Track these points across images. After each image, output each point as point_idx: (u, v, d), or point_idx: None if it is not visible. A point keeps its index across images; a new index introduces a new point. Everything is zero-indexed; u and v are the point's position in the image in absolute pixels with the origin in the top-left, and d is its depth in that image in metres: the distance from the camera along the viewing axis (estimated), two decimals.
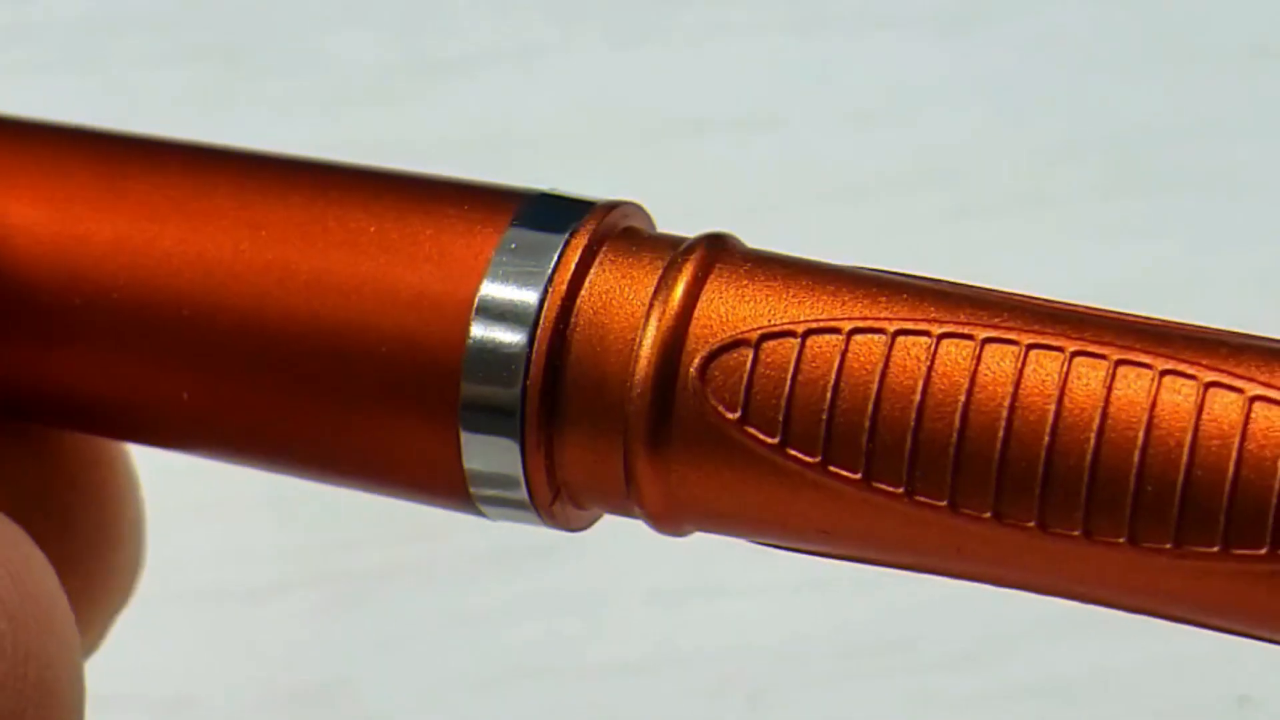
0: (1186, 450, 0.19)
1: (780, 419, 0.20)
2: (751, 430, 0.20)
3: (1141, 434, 0.19)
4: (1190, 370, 0.20)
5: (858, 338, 0.20)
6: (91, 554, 0.24)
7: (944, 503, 0.20)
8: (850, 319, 0.21)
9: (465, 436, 0.21)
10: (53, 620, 0.21)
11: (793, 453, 0.20)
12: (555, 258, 0.21)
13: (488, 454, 0.21)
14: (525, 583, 0.37)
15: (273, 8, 0.49)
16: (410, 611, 0.36)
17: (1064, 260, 0.40)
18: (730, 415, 0.20)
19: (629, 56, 0.47)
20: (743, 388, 0.20)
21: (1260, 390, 0.19)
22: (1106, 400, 0.20)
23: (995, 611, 0.36)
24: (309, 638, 0.36)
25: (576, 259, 0.21)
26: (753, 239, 0.22)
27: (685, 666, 0.35)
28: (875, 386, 0.20)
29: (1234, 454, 0.19)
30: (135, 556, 0.25)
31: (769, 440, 0.20)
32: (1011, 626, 0.35)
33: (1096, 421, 0.20)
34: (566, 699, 0.35)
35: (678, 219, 0.22)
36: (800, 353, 0.20)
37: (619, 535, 0.34)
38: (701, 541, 0.22)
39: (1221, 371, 0.20)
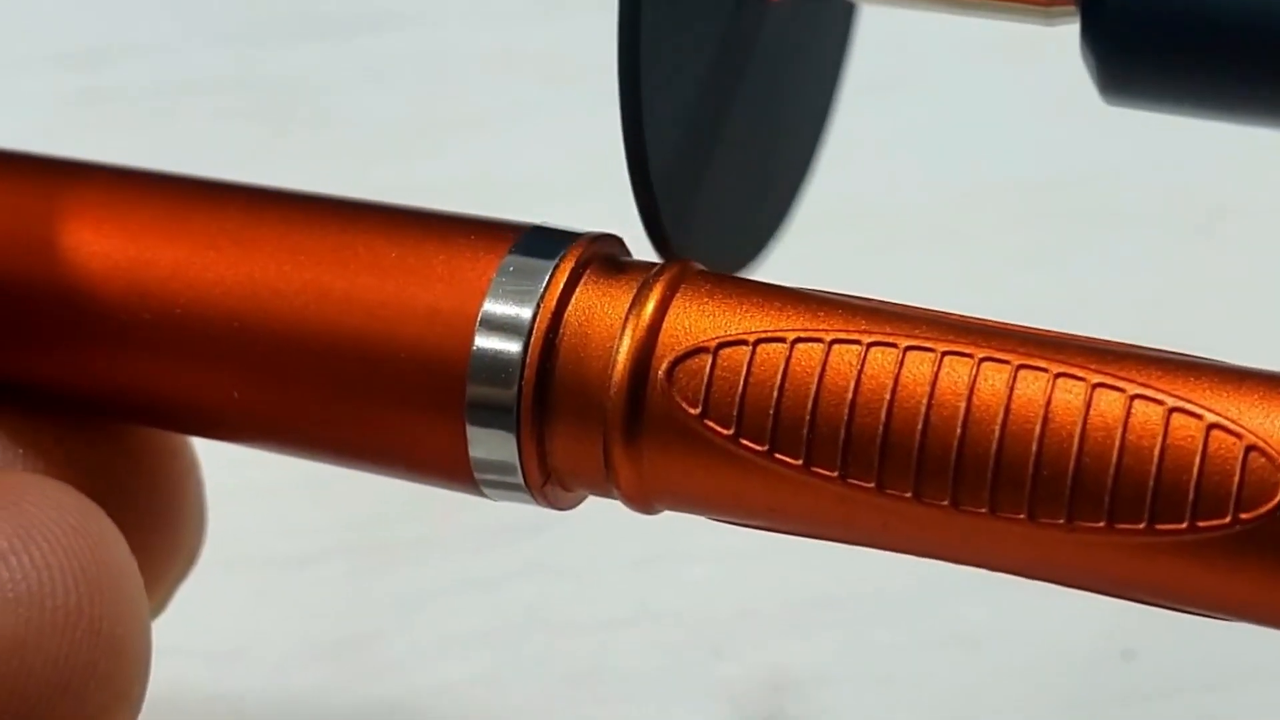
0: (1076, 440, 0.20)
1: (734, 414, 0.21)
2: (710, 424, 0.21)
3: (1038, 427, 0.20)
4: (1080, 373, 0.20)
5: (800, 346, 0.21)
6: (159, 530, 0.24)
7: (872, 484, 0.20)
8: (794, 330, 0.21)
9: (470, 430, 0.21)
10: (124, 585, 0.21)
11: (745, 443, 0.21)
12: (546, 279, 0.21)
13: (489, 444, 0.21)
14: (522, 552, 0.37)
15: (308, 74, 0.49)
16: (426, 576, 0.36)
17: (973, 285, 0.40)
18: (692, 411, 0.21)
19: (605, 116, 0.47)
20: (703, 388, 0.21)
21: (1139, 390, 0.20)
22: (1009, 398, 0.20)
23: (914, 574, 0.36)
24: (341, 598, 0.36)
25: (564, 281, 0.21)
26: None
27: (656, 622, 0.36)
28: (814, 387, 0.20)
29: (1116, 443, 0.19)
30: (197, 533, 0.25)
31: (725, 432, 0.21)
32: (927, 587, 0.35)
33: (1000, 416, 0.20)
34: (557, 649, 0.35)
35: (648, 248, 0.23)
36: (751, 359, 0.21)
37: (600, 515, 0.34)
38: (669, 518, 0.23)
39: (1107, 374, 0.20)
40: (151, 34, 0.50)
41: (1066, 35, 0.22)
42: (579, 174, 0.44)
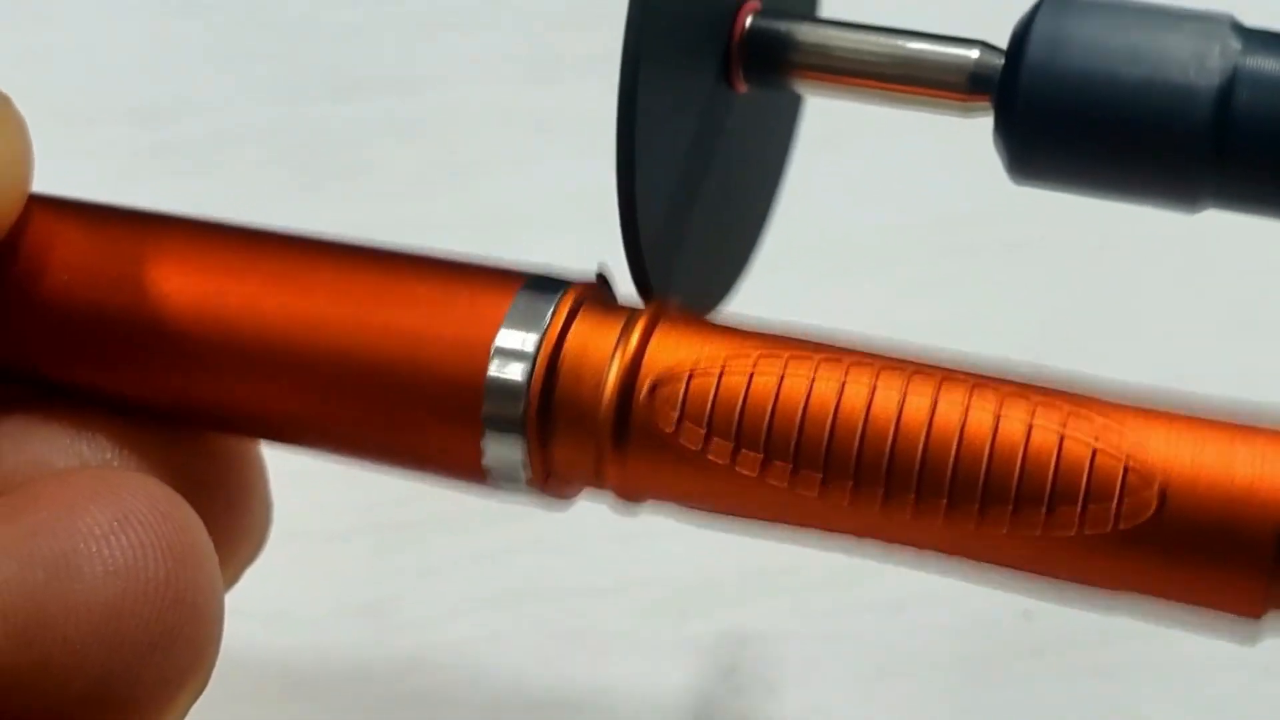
0: (986, 451, 0.20)
1: (703, 429, 0.21)
2: (682, 436, 0.21)
3: (955, 438, 0.20)
4: (991, 395, 0.20)
5: (757, 375, 0.21)
6: (232, 519, 0.24)
7: (816, 489, 0.20)
8: (752, 360, 0.21)
9: (485, 440, 0.22)
10: (203, 563, 0.21)
11: (710, 453, 0.21)
12: (548, 316, 0.22)
13: (500, 451, 0.22)
14: (521, 530, 0.36)
15: (341, 128, 0.48)
16: (440, 549, 0.36)
17: (900, 306, 0.41)
18: (668, 427, 0.21)
19: (589, 163, 0.47)
20: (678, 406, 0.21)
21: (1038, 408, 0.20)
22: (931, 414, 0.20)
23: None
24: (367, 567, 0.36)
25: (563, 318, 0.22)
26: None
27: (634, 589, 0.36)
28: (770, 406, 0.21)
29: (1019, 455, 0.20)
30: (264, 522, 0.25)
31: (695, 444, 0.21)
32: (860, 561, 0.35)
33: (924, 429, 0.20)
34: (550, 611, 0.35)
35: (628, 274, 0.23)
36: (718, 383, 0.21)
37: (587, 500, 0.34)
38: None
39: (1017, 397, 0.20)
40: (209, 94, 0.50)
41: (982, 124, 0.23)
42: (568, 211, 0.44)
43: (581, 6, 0.53)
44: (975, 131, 0.23)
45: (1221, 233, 0.25)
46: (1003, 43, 0.22)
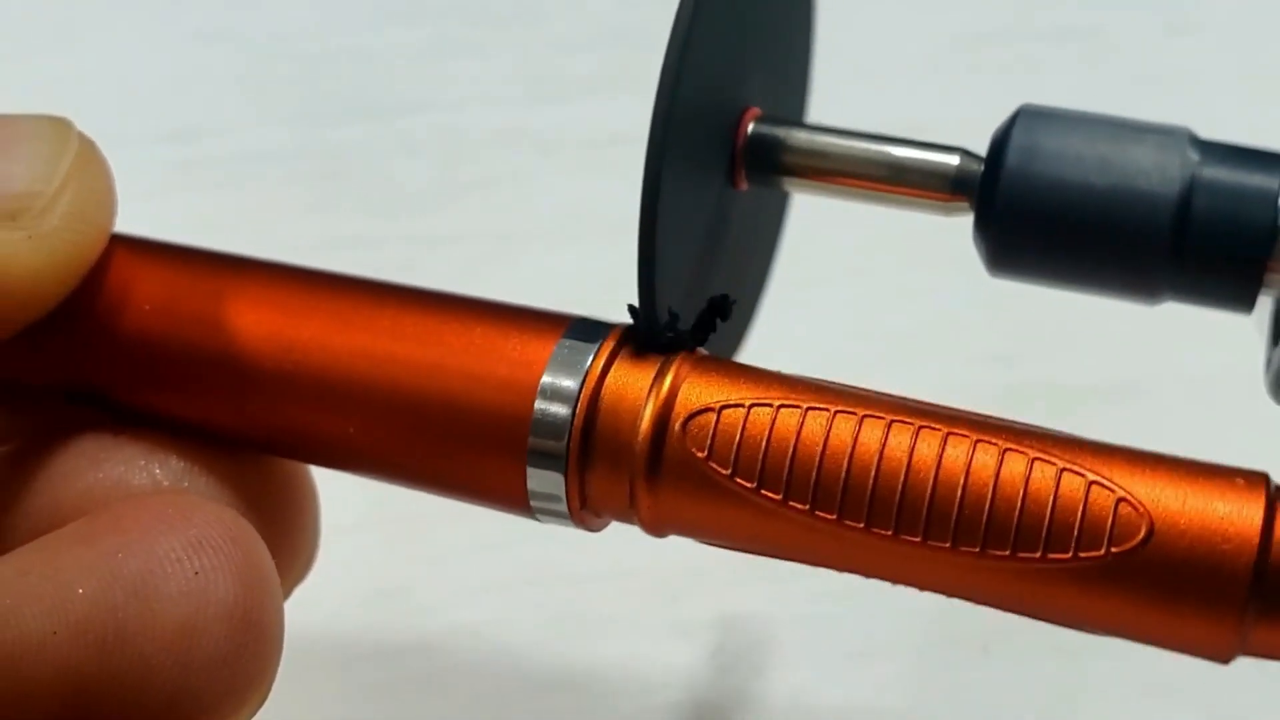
0: (990, 491, 0.20)
1: (731, 458, 0.21)
2: (713, 465, 0.21)
3: (961, 480, 0.20)
4: (994, 441, 0.20)
5: (783, 411, 0.21)
6: (288, 540, 0.24)
7: (833, 517, 0.21)
8: (778, 399, 0.21)
9: (530, 471, 0.22)
10: (268, 585, 0.21)
11: (739, 480, 0.21)
12: (589, 359, 0.22)
13: (543, 482, 0.22)
14: (522, 522, 0.36)
15: (355, 147, 0.49)
16: (449, 540, 0.36)
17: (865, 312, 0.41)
18: (700, 455, 0.21)
19: (584, 181, 0.47)
20: (709, 438, 0.21)
21: (1037, 455, 0.20)
22: (940, 458, 0.20)
23: None
24: (383, 557, 0.36)
25: (604, 360, 0.22)
26: None
27: (627, 577, 0.36)
28: (793, 441, 0.21)
29: (1019, 497, 0.20)
30: (314, 543, 0.25)
31: (724, 471, 0.21)
32: None
33: (933, 472, 0.20)
34: (549, 597, 0.35)
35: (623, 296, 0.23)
36: (746, 418, 0.21)
37: None
38: None
39: (1013, 443, 0.20)
40: (233, 117, 0.50)
41: (963, 224, 0.23)
42: (567, 226, 0.45)
43: (577, 37, 0.53)
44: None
45: None
46: (979, 148, 0.23)
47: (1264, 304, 0.22)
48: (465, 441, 0.22)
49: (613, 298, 0.23)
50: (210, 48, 0.53)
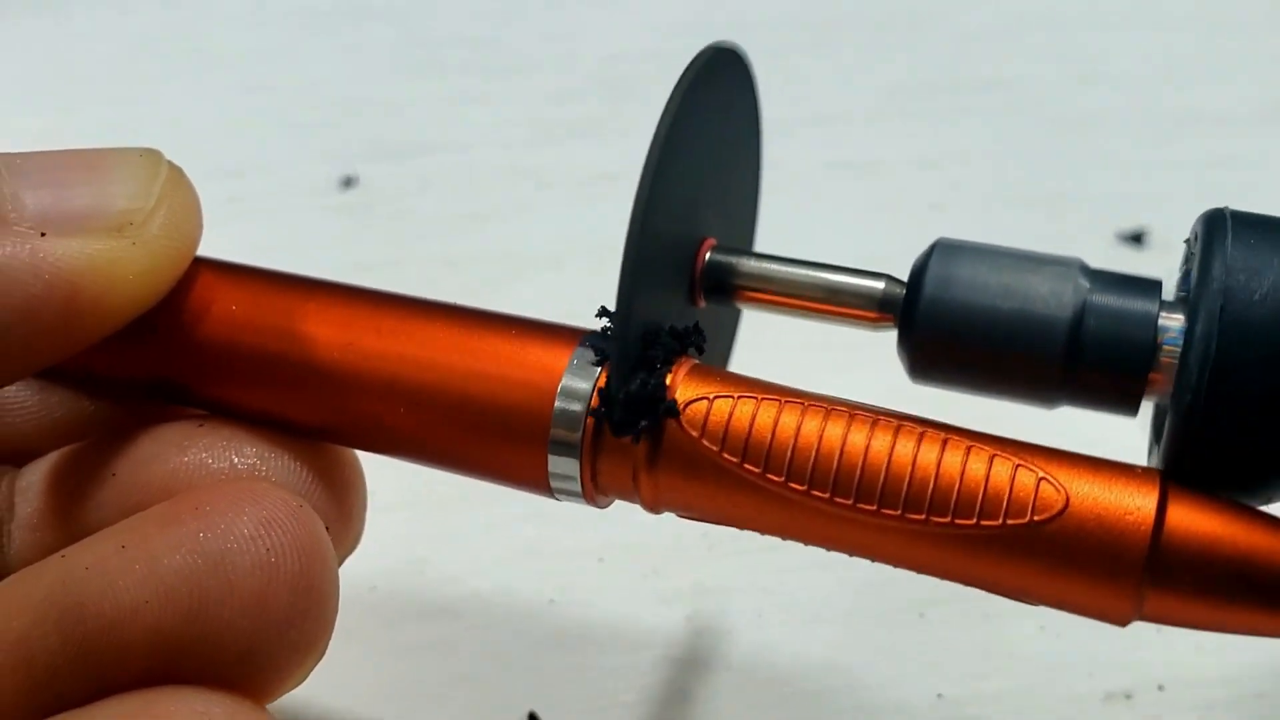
0: (934, 472, 0.21)
1: (721, 434, 0.21)
2: (705, 442, 0.21)
3: (910, 461, 0.21)
4: (937, 434, 0.21)
5: (765, 403, 0.22)
6: (340, 517, 0.24)
7: (803, 489, 0.21)
8: (760, 394, 0.22)
9: (550, 458, 0.22)
10: (326, 558, 0.21)
11: (725, 456, 0.21)
12: (599, 367, 0.22)
13: (561, 466, 0.22)
14: (524, 505, 0.35)
15: (381, 182, 0.48)
16: (462, 521, 0.36)
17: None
18: (694, 434, 0.22)
19: (578, 214, 0.46)
20: (703, 419, 0.22)
21: (971, 443, 0.21)
22: (893, 445, 0.21)
23: None
24: (408, 533, 0.36)
25: (610, 366, 0.22)
26: None
27: (614, 553, 0.35)
28: (773, 425, 0.21)
29: (959, 475, 0.20)
30: (362, 520, 0.25)
31: (713, 448, 0.21)
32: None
33: (887, 454, 0.21)
34: (547, 570, 0.35)
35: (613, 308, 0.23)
36: (734, 406, 0.22)
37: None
38: None
39: (952, 436, 0.21)
40: (274, 157, 0.50)
41: (887, 337, 0.24)
42: (560, 251, 0.45)
43: (570, 89, 0.53)
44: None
45: None
46: (902, 274, 0.23)
47: (1147, 407, 0.23)
48: (497, 433, 0.22)
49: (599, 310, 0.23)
50: (254, 97, 0.53)
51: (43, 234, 0.21)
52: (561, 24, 0.57)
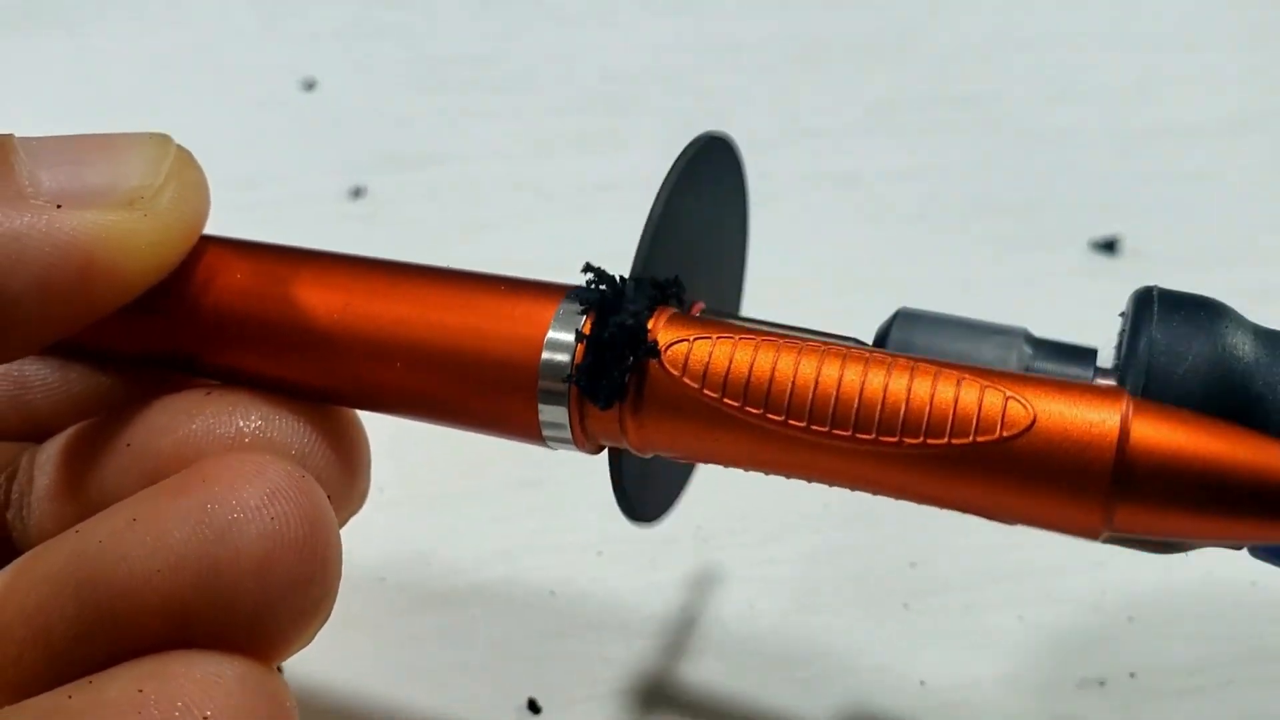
0: (905, 396, 0.20)
1: (701, 373, 0.21)
2: (687, 380, 0.21)
3: (882, 388, 0.21)
4: (907, 364, 0.21)
5: (741, 341, 0.22)
6: (344, 479, 0.24)
7: (780, 419, 0.21)
8: (738, 334, 0.22)
9: (540, 407, 0.22)
10: (329, 525, 0.21)
11: (706, 392, 0.21)
12: (583, 318, 0.22)
13: (551, 414, 0.22)
14: (526, 500, 0.37)
15: (389, 193, 0.48)
16: (465, 515, 0.36)
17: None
18: (675, 372, 0.22)
19: (574, 223, 0.46)
20: (683, 358, 0.22)
21: (939, 370, 0.21)
22: (865, 375, 0.21)
23: (771, 506, 0.37)
24: (412, 525, 0.36)
25: (594, 319, 0.22)
26: None
27: (612, 545, 0.35)
28: (750, 362, 0.21)
29: (929, 398, 0.20)
30: (365, 485, 0.25)
31: (694, 385, 0.21)
32: (788, 523, 0.35)
33: (860, 382, 0.21)
34: (547, 562, 0.35)
35: None
36: (714, 345, 0.22)
37: (576, 480, 0.34)
38: None
39: (918, 364, 0.21)
40: (286, 168, 0.50)
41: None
42: (560, 258, 0.44)
43: (568, 104, 0.53)
44: None
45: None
46: (867, 337, 0.23)
47: None
48: (489, 385, 0.22)
49: None
50: (269, 111, 0.53)
51: (59, 206, 0.21)
52: (562, 43, 0.57)
